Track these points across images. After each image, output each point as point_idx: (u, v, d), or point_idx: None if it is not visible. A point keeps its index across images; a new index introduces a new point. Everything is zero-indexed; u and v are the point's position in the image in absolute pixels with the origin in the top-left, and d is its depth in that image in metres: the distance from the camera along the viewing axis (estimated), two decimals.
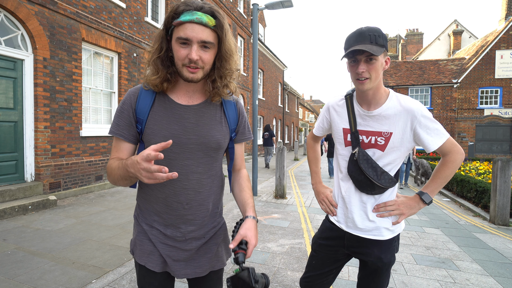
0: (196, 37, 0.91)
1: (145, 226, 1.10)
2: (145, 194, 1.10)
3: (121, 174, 0.92)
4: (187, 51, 0.93)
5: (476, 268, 3.12)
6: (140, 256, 1.08)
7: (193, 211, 1.07)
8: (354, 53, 1.16)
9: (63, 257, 2.98)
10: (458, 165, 1.25)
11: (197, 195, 1.06)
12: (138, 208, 1.15)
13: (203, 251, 1.12)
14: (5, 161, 4.78)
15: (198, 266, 1.11)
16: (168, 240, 1.07)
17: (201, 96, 1.08)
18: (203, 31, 0.92)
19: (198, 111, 1.05)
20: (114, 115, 1.05)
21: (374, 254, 1.30)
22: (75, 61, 5.72)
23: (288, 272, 2.87)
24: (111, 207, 4.93)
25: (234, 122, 1.14)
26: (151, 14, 8.28)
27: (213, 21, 0.93)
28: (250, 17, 15.94)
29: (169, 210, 1.06)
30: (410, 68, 19.07)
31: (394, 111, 1.23)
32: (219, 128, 1.08)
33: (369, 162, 1.26)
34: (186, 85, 1.04)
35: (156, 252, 1.08)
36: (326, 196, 1.48)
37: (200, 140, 1.03)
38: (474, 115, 16.72)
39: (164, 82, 1.00)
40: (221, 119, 1.10)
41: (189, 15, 0.90)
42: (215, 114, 1.08)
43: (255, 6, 6.72)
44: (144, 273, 1.09)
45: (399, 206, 1.29)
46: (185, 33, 0.91)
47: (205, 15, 0.92)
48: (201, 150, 1.04)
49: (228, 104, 1.13)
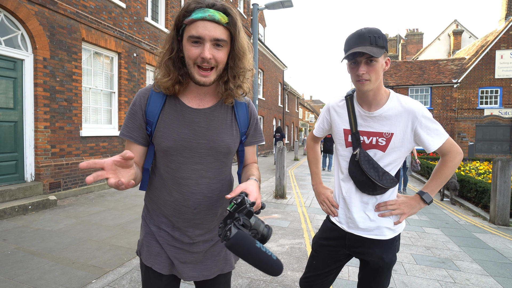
0: (209, 34, 0.88)
1: (153, 228, 1.08)
2: (154, 196, 1.09)
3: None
4: (199, 50, 0.89)
5: (476, 268, 3.12)
6: (147, 258, 1.07)
7: (201, 216, 1.05)
8: (354, 55, 1.16)
9: (63, 257, 2.98)
10: (457, 165, 1.26)
11: (206, 200, 1.04)
12: (146, 209, 1.14)
13: (211, 254, 1.11)
14: (5, 161, 4.78)
15: (206, 268, 1.09)
16: (175, 242, 1.06)
17: (212, 99, 1.04)
18: (215, 29, 0.88)
19: (209, 115, 1.02)
20: (125, 117, 1.03)
21: (376, 254, 1.30)
22: (75, 61, 5.72)
23: (288, 272, 2.86)
24: (111, 207, 4.93)
25: (244, 125, 1.11)
26: (151, 14, 8.28)
27: (225, 18, 0.90)
28: (250, 17, 15.94)
29: (177, 214, 1.04)
30: (410, 68, 19.07)
31: (395, 111, 1.24)
32: (230, 132, 1.05)
33: (371, 162, 1.26)
34: (197, 87, 1.01)
35: (164, 253, 1.07)
36: (326, 197, 1.48)
37: (210, 145, 1.01)
38: (474, 115, 16.72)
39: (176, 84, 0.97)
40: (231, 123, 1.07)
41: (201, 13, 0.88)
42: (225, 118, 1.06)
43: (255, 6, 6.72)
44: (150, 275, 1.07)
45: (400, 205, 1.30)
46: (197, 31, 0.88)
47: (218, 12, 0.89)
48: (211, 154, 1.02)
49: (239, 106, 1.10)
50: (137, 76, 7.42)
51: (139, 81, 7.49)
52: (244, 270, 2.85)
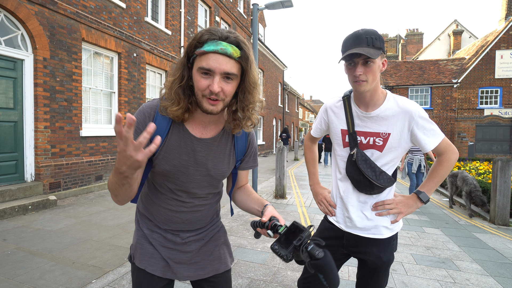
0: (220, 68, 0.86)
1: (146, 231, 1.11)
2: (147, 202, 1.11)
3: (115, 180, 0.84)
4: (208, 81, 0.88)
5: (476, 268, 3.12)
6: (141, 260, 1.08)
7: (192, 224, 1.10)
8: (351, 56, 1.17)
9: (63, 257, 2.98)
10: (453, 164, 1.29)
11: (197, 213, 1.09)
12: (138, 214, 1.16)
13: (204, 253, 1.13)
14: (5, 161, 4.79)
15: (200, 268, 1.12)
16: (168, 243, 1.09)
17: (215, 127, 1.04)
18: (227, 63, 0.87)
19: (210, 145, 1.03)
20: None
21: (373, 253, 1.31)
22: (75, 61, 5.72)
23: (288, 272, 2.87)
24: (111, 207, 4.93)
25: (241, 153, 1.12)
26: (151, 14, 8.28)
27: (238, 52, 0.88)
28: (250, 17, 15.94)
29: (169, 223, 1.08)
30: (410, 68, 19.06)
31: (392, 112, 1.25)
32: (227, 161, 1.08)
33: (368, 162, 1.27)
34: (203, 115, 1.00)
35: (157, 255, 1.08)
36: (324, 197, 1.49)
37: (207, 172, 1.04)
38: (474, 115, 16.70)
39: (186, 112, 0.96)
40: (230, 152, 1.08)
41: (214, 45, 0.85)
42: (225, 147, 1.07)
43: (255, 6, 6.73)
44: (142, 279, 1.08)
45: (397, 205, 1.31)
46: (208, 63, 0.86)
47: (230, 46, 0.87)
48: (206, 180, 1.05)
49: (240, 136, 1.10)
50: (137, 76, 7.42)
51: (139, 81, 7.50)
52: (244, 270, 2.85)
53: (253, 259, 3.13)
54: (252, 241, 3.63)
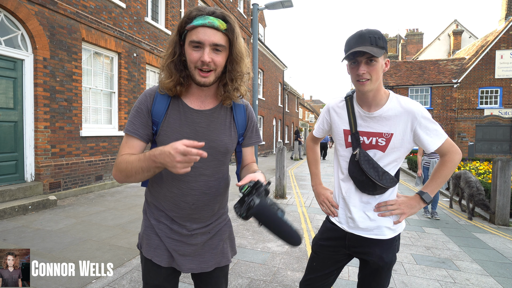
0: (209, 40, 0.95)
1: (153, 221, 1.13)
2: (154, 190, 1.14)
3: (143, 166, 0.92)
4: (199, 54, 0.96)
5: (476, 268, 3.12)
6: (147, 250, 1.12)
7: (199, 211, 1.11)
8: (354, 55, 1.17)
9: (63, 257, 2.98)
10: (456, 165, 1.28)
11: (204, 196, 1.10)
12: (146, 203, 1.19)
13: (209, 246, 1.16)
14: (5, 161, 4.78)
15: (204, 261, 1.14)
16: (174, 235, 1.11)
17: (213, 101, 1.11)
18: (214, 34, 0.96)
19: (209, 116, 1.08)
20: (129, 115, 1.08)
21: (376, 254, 1.31)
22: (75, 61, 5.72)
23: (288, 272, 2.87)
24: (111, 207, 4.93)
25: (242, 127, 1.17)
26: (151, 14, 8.28)
27: (224, 25, 0.97)
28: (250, 17, 15.94)
29: (176, 209, 1.09)
30: (410, 68, 19.06)
31: (394, 112, 1.25)
32: (228, 133, 1.12)
33: (370, 162, 1.26)
34: (199, 90, 1.07)
35: (163, 246, 1.11)
36: (326, 197, 1.48)
37: (210, 144, 1.07)
38: (474, 115, 16.71)
39: (178, 85, 1.03)
40: (230, 124, 1.13)
41: (202, 20, 0.95)
42: (225, 119, 1.12)
43: (255, 6, 6.73)
44: (150, 268, 1.12)
45: (400, 205, 1.30)
46: (198, 36, 0.95)
47: (217, 19, 0.96)
48: (210, 153, 1.06)
49: (238, 109, 1.16)
50: (137, 76, 7.42)
51: (139, 81, 7.49)
52: (244, 270, 2.85)
53: (253, 259, 3.13)
54: (252, 241, 3.64)
